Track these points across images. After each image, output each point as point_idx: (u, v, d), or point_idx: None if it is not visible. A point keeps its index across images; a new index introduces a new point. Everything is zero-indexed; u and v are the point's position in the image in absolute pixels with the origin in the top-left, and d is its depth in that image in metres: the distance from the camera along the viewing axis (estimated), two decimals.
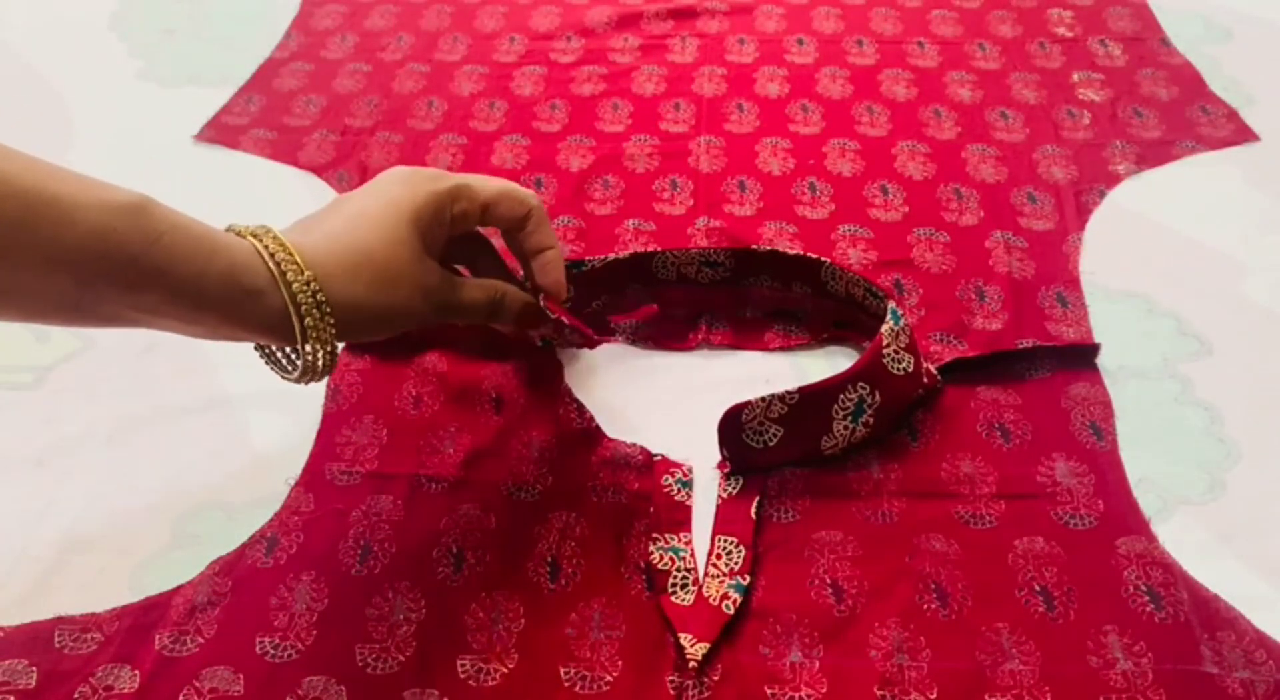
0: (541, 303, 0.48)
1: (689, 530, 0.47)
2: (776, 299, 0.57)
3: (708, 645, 0.42)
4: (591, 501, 0.48)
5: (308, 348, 0.39)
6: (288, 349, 0.41)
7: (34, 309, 0.36)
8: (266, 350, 0.42)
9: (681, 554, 0.46)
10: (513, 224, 0.47)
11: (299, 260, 0.39)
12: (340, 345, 0.42)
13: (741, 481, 0.49)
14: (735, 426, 0.48)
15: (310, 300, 0.38)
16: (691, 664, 0.42)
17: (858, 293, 0.54)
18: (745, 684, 0.42)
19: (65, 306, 0.36)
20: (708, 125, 0.70)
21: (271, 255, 0.38)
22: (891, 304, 0.50)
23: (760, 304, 0.57)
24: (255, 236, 0.39)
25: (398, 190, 0.43)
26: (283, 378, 0.42)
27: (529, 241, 0.47)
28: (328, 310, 0.39)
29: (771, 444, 0.48)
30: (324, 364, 0.40)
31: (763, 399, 0.47)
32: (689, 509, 0.48)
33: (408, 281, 0.42)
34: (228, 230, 0.40)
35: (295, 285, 0.38)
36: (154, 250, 0.36)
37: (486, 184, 0.45)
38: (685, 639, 0.42)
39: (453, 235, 0.45)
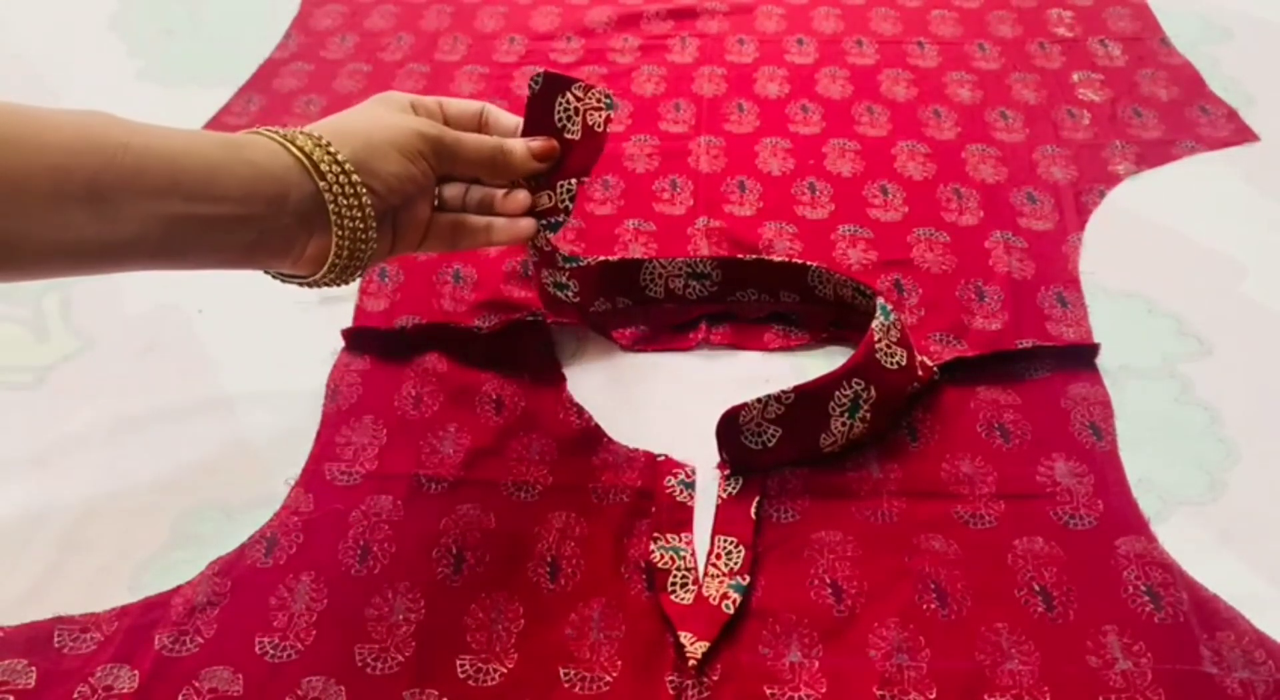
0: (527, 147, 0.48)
1: (690, 530, 0.47)
2: (767, 307, 0.57)
3: (708, 644, 0.42)
4: (592, 502, 0.48)
5: (327, 181, 0.40)
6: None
7: (63, 254, 0.36)
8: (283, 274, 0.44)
9: (682, 554, 0.46)
10: (472, 119, 0.48)
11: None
12: (372, 228, 0.42)
13: (741, 482, 0.49)
14: (733, 429, 0.48)
15: (310, 141, 0.40)
16: (691, 662, 0.42)
17: (846, 294, 0.54)
18: (745, 684, 0.42)
19: (86, 240, 0.36)
20: (708, 125, 0.70)
21: (257, 131, 0.41)
22: (880, 300, 0.50)
23: (751, 312, 0.57)
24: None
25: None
26: (308, 281, 0.43)
27: (500, 127, 0.48)
28: (328, 144, 0.41)
29: (770, 445, 0.48)
30: (353, 218, 0.41)
31: (759, 400, 0.47)
32: (691, 510, 0.48)
33: (400, 120, 0.44)
34: None
35: (294, 135, 0.40)
36: (138, 136, 0.37)
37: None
38: (685, 637, 0.42)
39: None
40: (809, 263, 0.55)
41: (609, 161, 0.68)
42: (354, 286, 0.60)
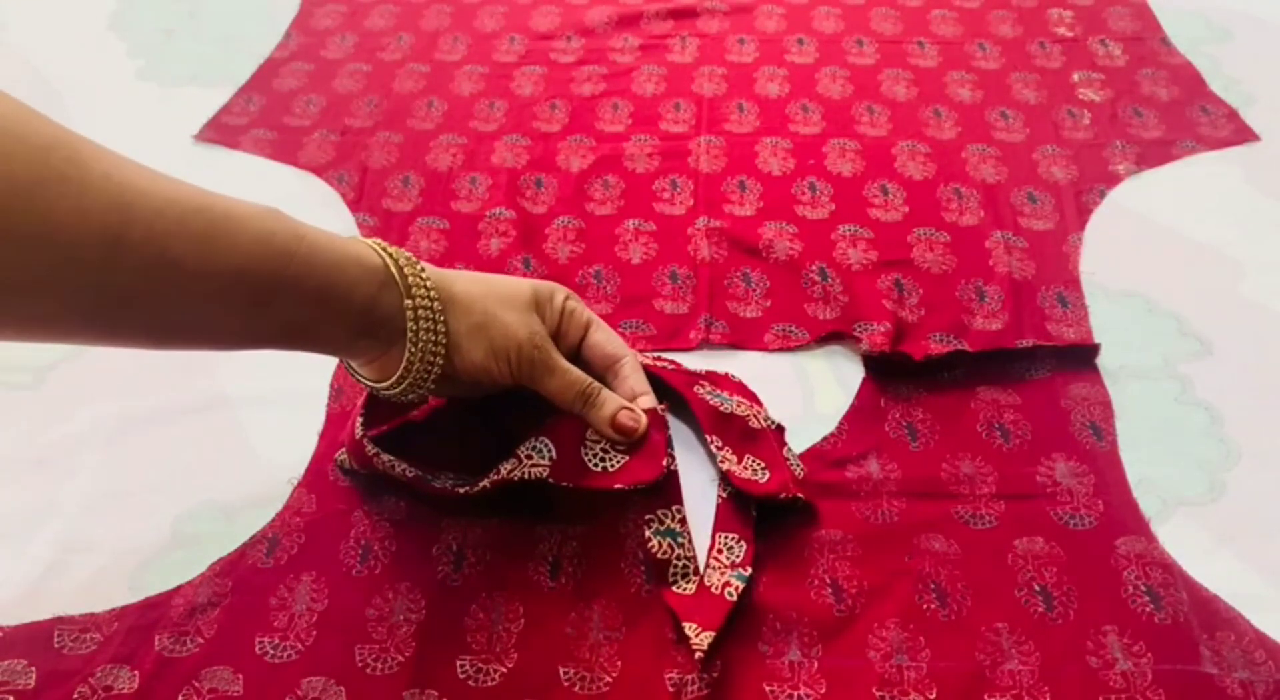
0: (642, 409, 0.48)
1: (680, 502, 0.46)
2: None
3: (713, 634, 0.42)
4: (592, 495, 0.48)
5: (420, 347, 0.42)
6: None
7: (207, 337, 0.38)
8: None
9: (680, 540, 0.46)
10: (607, 360, 0.49)
11: (409, 257, 0.43)
12: (439, 358, 0.43)
13: None
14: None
15: (429, 307, 0.42)
16: (698, 653, 0.41)
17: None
18: (744, 682, 0.42)
19: (233, 328, 0.38)
20: (708, 125, 0.70)
21: (384, 248, 0.42)
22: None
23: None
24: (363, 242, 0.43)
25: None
26: (383, 390, 0.44)
27: (623, 388, 0.49)
28: (441, 314, 0.42)
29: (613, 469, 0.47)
30: (425, 349, 0.42)
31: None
32: (676, 475, 0.47)
33: (519, 307, 0.45)
34: None
35: (406, 268, 0.42)
36: (303, 245, 0.38)
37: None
38: (690, 628, 0.42)
39: (559, 333, 0.48)
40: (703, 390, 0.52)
41: (609, 161, 0.68)
42: None
